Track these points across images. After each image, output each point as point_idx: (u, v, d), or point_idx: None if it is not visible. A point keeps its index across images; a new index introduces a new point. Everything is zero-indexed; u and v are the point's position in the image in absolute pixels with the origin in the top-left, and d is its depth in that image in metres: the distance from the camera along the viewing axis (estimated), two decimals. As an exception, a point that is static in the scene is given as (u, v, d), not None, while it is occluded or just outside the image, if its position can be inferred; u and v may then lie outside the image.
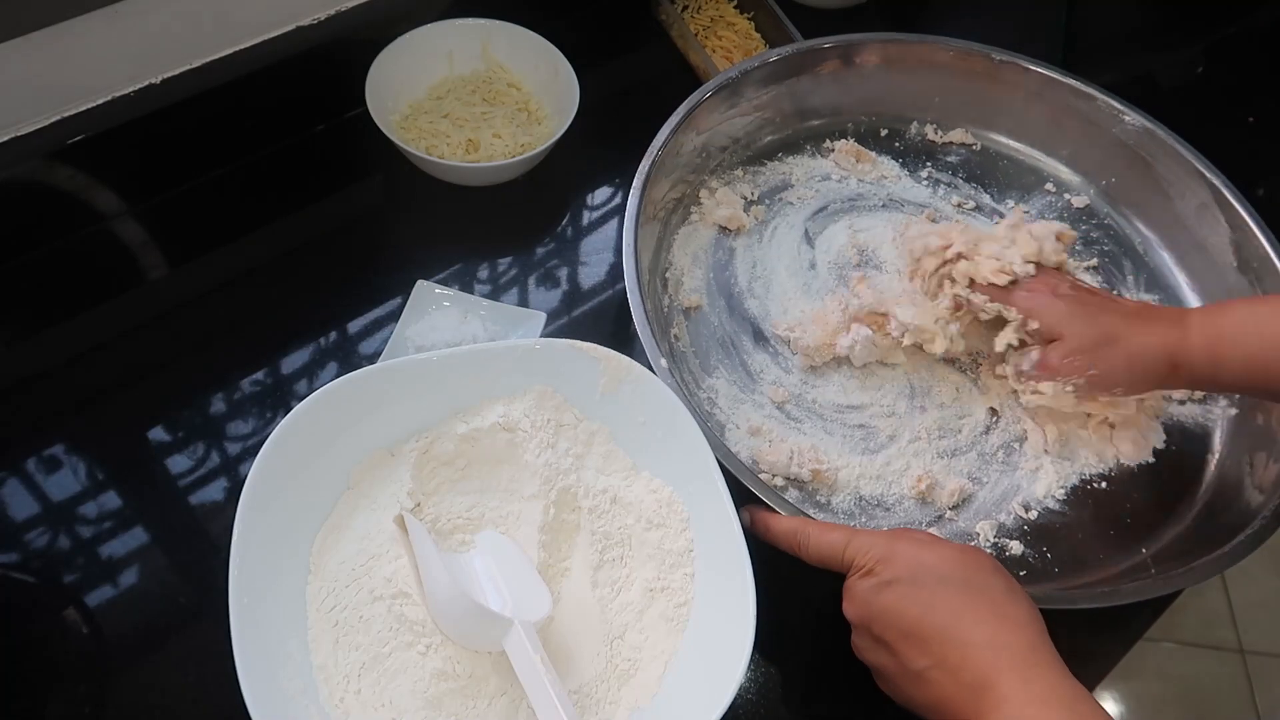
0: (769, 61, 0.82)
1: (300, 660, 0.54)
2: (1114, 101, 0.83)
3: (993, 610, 0.50)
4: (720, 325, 0.75)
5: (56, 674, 0.58)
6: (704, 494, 0.59)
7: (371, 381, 0.59)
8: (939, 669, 0.49)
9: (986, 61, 0.85)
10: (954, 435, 0.72)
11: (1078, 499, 0.70)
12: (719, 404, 0.71)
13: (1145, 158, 0.82)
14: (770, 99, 0.83)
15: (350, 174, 0.81)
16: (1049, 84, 0.84)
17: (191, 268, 0.75)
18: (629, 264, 0.68)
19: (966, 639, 0.49)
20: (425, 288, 0.73)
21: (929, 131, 0.88)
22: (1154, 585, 0.62)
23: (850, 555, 0.54)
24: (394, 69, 0.78)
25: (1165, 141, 0.81)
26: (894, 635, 0.51)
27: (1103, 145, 0.84)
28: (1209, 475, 0.73)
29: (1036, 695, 0.47)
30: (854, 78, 0.86)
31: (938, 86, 0.87)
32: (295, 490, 0.57)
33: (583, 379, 0.62)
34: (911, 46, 0.85)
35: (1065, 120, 0.85)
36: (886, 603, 0.52)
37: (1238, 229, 0.78)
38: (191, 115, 0.74)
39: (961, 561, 0.52)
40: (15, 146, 0.68)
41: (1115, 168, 0.85)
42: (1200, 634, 1.62)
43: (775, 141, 0.86)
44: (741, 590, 0.55)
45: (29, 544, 0.62)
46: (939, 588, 0.51)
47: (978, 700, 0.48)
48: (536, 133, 0.80)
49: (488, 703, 0.54)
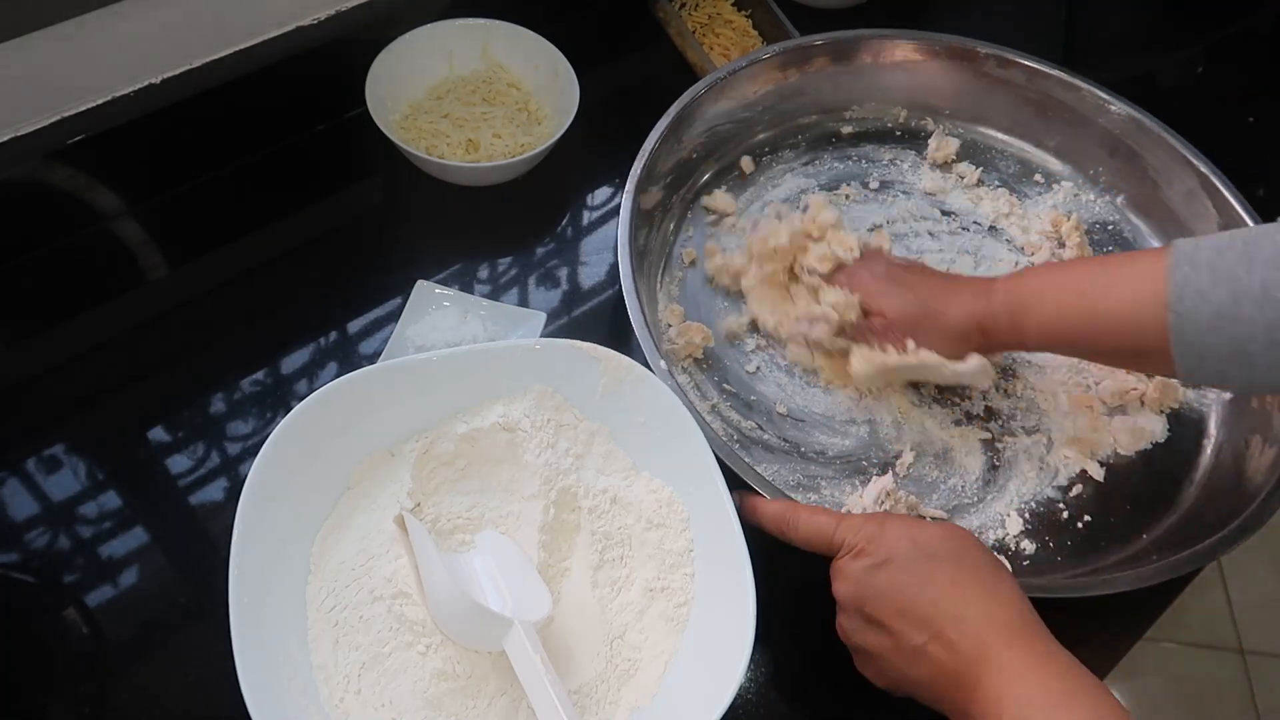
0: (762, 59, 0.82)
1: (300, 660, 0.54)
2: (1100, 91, 0.83)
3: (983, 585, 0.52)
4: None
5: (56, 674, 0.58)
6: (704, 494, 0.59)
7: (371, 381, 0.59)
8: (936, 643, 0.50)
9: (973, 54, 0.85)
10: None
11: (1077, 488, 0.71)
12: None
13: (1132, 146, 0.83)
14: (761, 96, 0.84)
15: (350, 174, 0.81)
16: (1035, 75, 0.85)
17: (191, 268, 0.75)
18: (624, 264, 0.68)
19: (962, 613, 0.50)
20: (425, 288, 0.73)
21: (923, 123, 0.89)
22: (1157, 571, 0.63)
23: (840, 536, 0.55)
24: (394, 69, 0.78)
25: (1152, 130, 0.81)
26: (890, 613, 0.52)
27: (1090, 135, 0.85)
28: (1205, 460, 0.73)
29: (1033, 662, 0.48)
30: (844, 73, 0.86)
31: (926, 80, 0.87)
32: (295, 490, 0.57)
33: (583, 379, 0.62)
34: (899, 42, 0.86)
35: (1052, 111, 0.86)
36: (881, 581, 0.52)
37: (1226, 215, 0.78)
38: (191, 115, 0.74)
39: (950, 539, 0.53)
40: (15, 146, 0.68)
41: (1102, 157, 0.85)
42: (1200, 634, 1.62)
43: (768, 137, 0.86)
44: (741, 590, 0.55)
45: (29, 544, 0.62)
46: (932, 565, 0.52)
47: (975, 671, 0.49)
48: (536, 133, 0.80)
49: (488, 703, 0.54)
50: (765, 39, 0.93)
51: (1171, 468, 0.73)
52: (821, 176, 0.85)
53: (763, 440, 0.70)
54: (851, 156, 0.87)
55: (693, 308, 0.76)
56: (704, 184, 0.82)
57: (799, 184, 0.85)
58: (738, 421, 0.71)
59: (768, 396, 0.73)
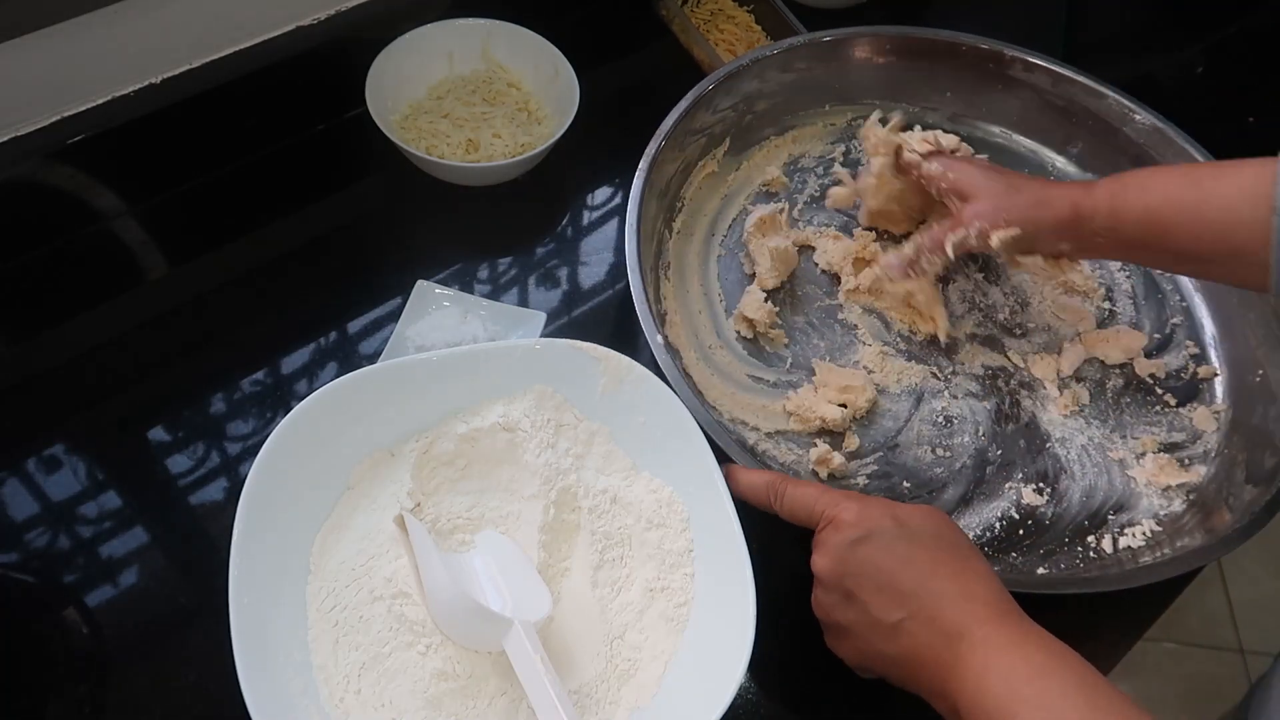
0: (779, 51, 0.82)
1: (300, 660, 0.54)
2: (1124, 100, 0.83)
3: (962, 564, 0.52)
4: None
5: (56, 674, 0.58)
6: (704, 494, 0.59)
7: (371, 381, 0.59)
8: (914, 620, 0.50)
9: (998, 57, 0.85)
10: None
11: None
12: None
13: (1154, 156, 0.82)
14: (777, 88, 0.84)
15: (350, 174, 0.81)
16: (1060, 81, 0.84)
17: (191, 268, 0.75)
18: (630, 248, 0.68)
19: (941, 590, 0.51)
20: (425, 288, 0.73)
21: (940, 123, 0.88)
22: (1150, 571, 0.63)
23: (822, 508, 0.55)
24: (394, 69, 0.78)
25: (1174, 141, 0.81)
26: (869, 588, 0.52)
27: (1113, 143, 0.84)
28: (1207, 471, 0.72)
29: (1014, 637, 0.49)
30: (862, 69, 0.86)
31: (948, 80, 0.87)
32: (295, 490, 0.57)
33: (583, 379, 0.62)
34: (924, 40, 0.85)
35: (1076, 117, 0.85)
36: (862, 556, 0.52)
37: None
38: (191, 115, 0.74)
39: (930, 518, 0.54)
40: (15, 146, 0.68)
41: (1124, 166, 0.84)
42: (1200, 634, 1.62)
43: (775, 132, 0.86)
44: (741, 590, 0.55)
45: (29, 544, 0.62)
46: (912, 542, 0.52)
47: (954, 647, 0.49)
48: (536, 133, 0.80)
49: (488, 703, 0.54)
50: (769, 33, 0.93)
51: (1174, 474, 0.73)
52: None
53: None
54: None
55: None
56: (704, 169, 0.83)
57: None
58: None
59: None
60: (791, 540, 0.58)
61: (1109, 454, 0.73)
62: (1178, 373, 0.77)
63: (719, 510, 0.58)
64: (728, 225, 0.81)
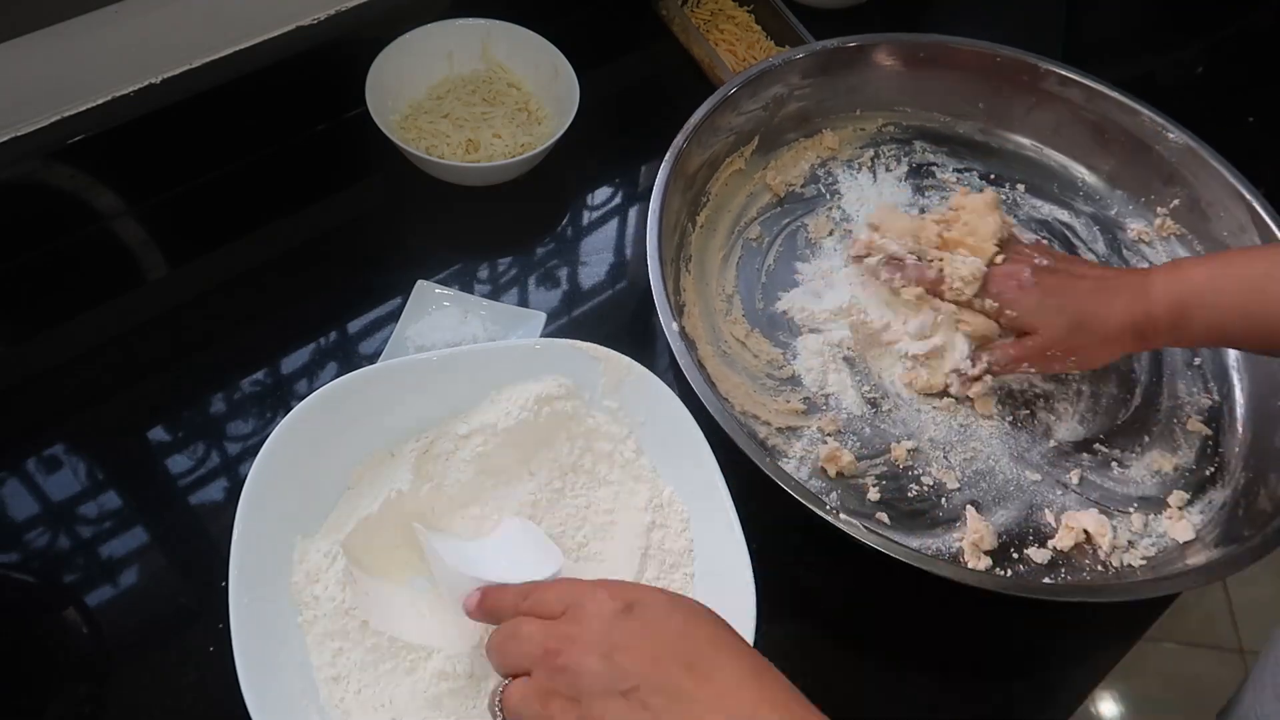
0: (813, 53, 0.82)
1: (300, 660, 0.54)
2: (1158, 117, 0.81)
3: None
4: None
5: (56, 674, 0.58)
6: (704, 494, 0.59)
7: (371, 381, 0.59)
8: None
9: (1033, 69, 0.84)
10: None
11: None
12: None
13: (1186, 176, 0.81)
14: (807, 90, 0.84)
15: (350, 174, 0.81)
16: (1094, 96, 0.83)
17: (191, 268, 0.75)
18: (652, 236, 0.68)
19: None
20: (425, 288, 0.73)
21: (971, 134, 0.88)
22: (1153, 586, 0.63)
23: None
24: (394, 69, 0.78)
25: (1208, 161, 0.79)
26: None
27: (1144, 160, 0.83)
28: (1224, 492, 0.72)
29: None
30: (892, 76, 0.86)
31: (981, 91, 0.87)
32: (295, 490, 0.57)
33: (583, 379, 0.62)
34: (959, 49, 0.85)
35: (1108, 133, 0.84)
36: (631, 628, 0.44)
37: None
38: (191, 115, 0.74)
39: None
40: (15, 146, 0.68)
41: (1153, 184, 0.84)
42: (1200, 634, 1.62)
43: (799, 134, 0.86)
44: (741, 590, 0.55)
45: (29, 544, 0.62)
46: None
47: None
48: (536, 133, 0.80)
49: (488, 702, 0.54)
50: (769, 34, 0.93)
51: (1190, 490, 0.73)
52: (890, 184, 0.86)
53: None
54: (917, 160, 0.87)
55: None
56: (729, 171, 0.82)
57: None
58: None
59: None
60: (791, 541, 0.58)
61: (1125, 468, 0.72)
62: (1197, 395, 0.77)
63: (719, 510, 0.58)
64: (750, 222, 0.81)
